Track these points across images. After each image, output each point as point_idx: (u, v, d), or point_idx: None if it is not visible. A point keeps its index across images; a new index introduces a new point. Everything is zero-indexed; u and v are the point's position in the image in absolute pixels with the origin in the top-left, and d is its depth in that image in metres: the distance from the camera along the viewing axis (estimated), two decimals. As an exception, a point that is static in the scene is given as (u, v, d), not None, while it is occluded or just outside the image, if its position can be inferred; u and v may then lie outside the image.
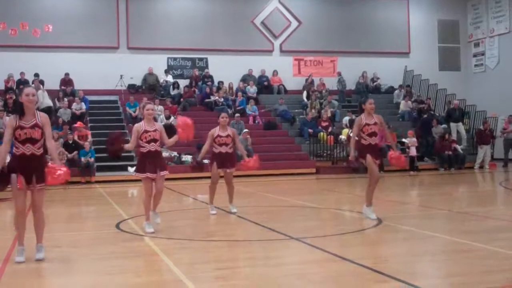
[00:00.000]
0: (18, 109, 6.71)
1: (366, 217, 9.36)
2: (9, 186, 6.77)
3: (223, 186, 10.81)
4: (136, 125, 8.73)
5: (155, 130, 8.56)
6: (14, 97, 21.93)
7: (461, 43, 29.37)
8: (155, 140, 8.57)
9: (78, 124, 20.61)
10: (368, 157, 9.30)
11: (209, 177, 10.72)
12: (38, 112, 6.82)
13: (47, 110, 20.04)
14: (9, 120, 6.74)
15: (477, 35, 28.72)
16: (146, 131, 8.53)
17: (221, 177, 10.65)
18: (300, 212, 11.39)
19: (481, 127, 23.57)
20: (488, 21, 28.06)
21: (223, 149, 10.38)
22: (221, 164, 10.38)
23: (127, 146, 8.66)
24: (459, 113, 24.18)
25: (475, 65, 28.82)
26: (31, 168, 6.68)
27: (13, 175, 6.64)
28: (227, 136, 10.41)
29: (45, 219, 6.95)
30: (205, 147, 10.58)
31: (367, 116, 9.44)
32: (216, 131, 10.45)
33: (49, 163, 6.80)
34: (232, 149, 10.53)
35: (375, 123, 9.42)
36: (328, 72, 27.29)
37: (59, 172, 6.67)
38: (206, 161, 12.10)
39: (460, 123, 23.94)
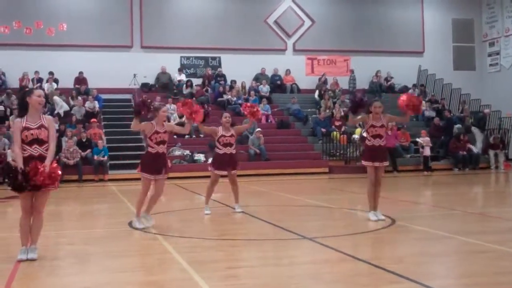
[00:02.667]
0: (23, 109, 6.67)
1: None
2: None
3: (227, 185, 10.80)
4: (148, 123, 8.74)
5: (165, 132, 8.70)
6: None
7: (476, 43, 29.16)
8: (164, 142, 8.71)
9: (92, 120, 20.79)
10: (369, 166, 9.26)
11: (220, 176, 10.58)
12: (43, 115, 6.77)
13: None
14: (16, 123, 6.60)
15: (492, 34, 28.51)
16: (157, 132, 8.62)
17: (224, 176, 10.55)
18: (312, 211, 11.36)
19: (491, 140, 23.34)
20: (503, 20, 27.84)
21: (228, 150, 10.32)
22: (225, 165, 10.31)
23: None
24: (485, 121, 24.49)
25: (490, 65, 28.60)
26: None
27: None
28: (231, 135, 10.39)
29: (43, 222, 6.86)
30: (206, 129, 10.44)
31: (373, 118, 9.35)
32: (220, 130, 10.40)
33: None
34: (235, 150, 10.47)
35: (382, 126, 9.35)
36: (341, 71, 27.21)
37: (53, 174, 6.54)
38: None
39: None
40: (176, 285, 5.78)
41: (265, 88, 25.46)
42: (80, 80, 23.80)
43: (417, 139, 22.11)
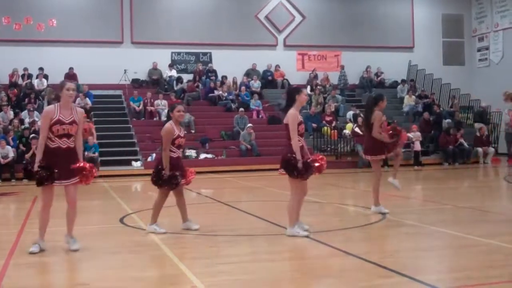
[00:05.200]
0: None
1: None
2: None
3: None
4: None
5: (72, 121, 7.04)
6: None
7: (465, 38, 29.29)
8: (68, 136, 7.04)
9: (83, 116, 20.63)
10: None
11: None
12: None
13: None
14: (295, 114, 7.30)
15: (481, 30, 28.64)
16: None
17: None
18: (304, 207, 11.33)
19: (478, 134, 23.41)
20: (492, 16, 27.97)
21: (179, 153, 8.23)
22: (180, 172, 8.12)
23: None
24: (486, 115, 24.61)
25: (479, 60, 28.74)
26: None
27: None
28: (184, 136, 8.22)
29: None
30: (167, 154, 7.94)
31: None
32: (175, 129, 7.99)
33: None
34: None
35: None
36: (332, 66, 27.25)
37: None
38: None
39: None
40: (168, 281, 5.78)
41: (256, 84, 25.46)
42: (70, 76, 23.63)
43: (408, 134, 22.16)
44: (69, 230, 7.10)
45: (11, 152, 18.12)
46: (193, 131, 21.59)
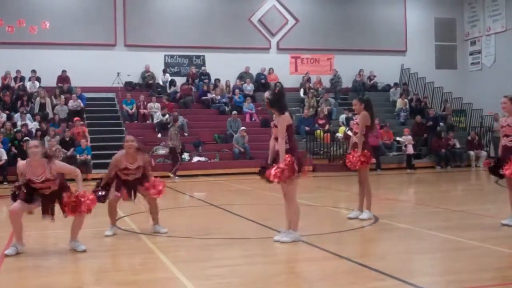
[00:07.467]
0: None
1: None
2: None
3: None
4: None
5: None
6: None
7: (458, 41, 29.38)
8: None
9: (76, 119, 20.64)
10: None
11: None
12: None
13: None
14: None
15: (474, 34, 28.74)
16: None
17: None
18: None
19: (469, 138, 23.49)
20: (484, 20, 28.07)
21: (131, 177, 8.33)
22: (130, 191, 8.42)
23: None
24: None
25: (472, 63, 28.83)
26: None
27: None
28: (138, 168, 8.27)
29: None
30: (108, 175, 8.42)
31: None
32: (122, 160, 8.23)
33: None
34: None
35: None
36: (325, 70, 27.27)
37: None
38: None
39: None
40: (161, 284, 5.78)
41: (249, 87, 25.46)
42: (63, 78, 23.61)
43: (398, 138, 22.27)
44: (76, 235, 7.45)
45: (3, 155, 18.05)
46: (186, 134, 21.57)
